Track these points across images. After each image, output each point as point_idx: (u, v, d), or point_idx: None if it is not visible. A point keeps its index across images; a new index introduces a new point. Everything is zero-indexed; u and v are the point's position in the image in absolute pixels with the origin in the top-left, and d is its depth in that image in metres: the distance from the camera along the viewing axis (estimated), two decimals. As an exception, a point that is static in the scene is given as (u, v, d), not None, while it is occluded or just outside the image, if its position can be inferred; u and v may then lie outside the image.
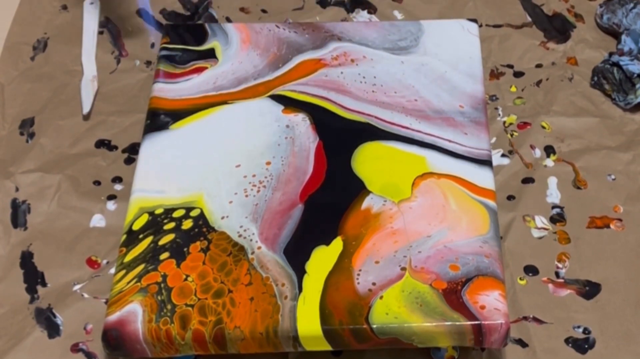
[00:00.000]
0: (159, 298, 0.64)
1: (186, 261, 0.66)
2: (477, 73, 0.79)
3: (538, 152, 0.80)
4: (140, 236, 0.68)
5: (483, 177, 0.71)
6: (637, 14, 0.87)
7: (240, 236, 0.68)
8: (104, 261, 0.74)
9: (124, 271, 0.66)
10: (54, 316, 0.71)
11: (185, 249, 0.67)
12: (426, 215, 0.68)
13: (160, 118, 0.76)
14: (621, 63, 0.82)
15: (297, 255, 0.66)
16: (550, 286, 0.72)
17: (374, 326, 0.62)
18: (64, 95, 0.86)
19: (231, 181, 0.71)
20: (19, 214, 0.77)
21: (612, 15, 0.88)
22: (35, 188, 0.79)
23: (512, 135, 0.82)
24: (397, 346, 0.63)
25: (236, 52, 0.81)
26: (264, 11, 0.93)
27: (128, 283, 0.65)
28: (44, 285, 0.73)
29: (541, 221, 0.75)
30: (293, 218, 0.69)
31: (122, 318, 0.63)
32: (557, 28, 0.90)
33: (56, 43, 0.90)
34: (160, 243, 0.68)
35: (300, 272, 0.65)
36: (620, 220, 0.75)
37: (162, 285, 0.65)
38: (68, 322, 0.71)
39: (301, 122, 0.75)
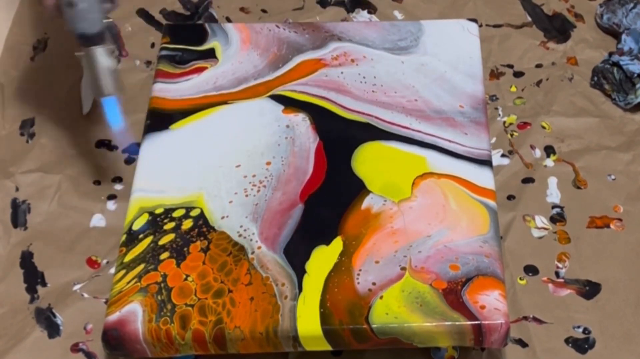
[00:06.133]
0: (159, 298, 0.64)
1: (186, 261, 0.66)
2: (477, 73, 0.79)
3: (538, 152, 0.80)
4: (140, 236, 0.68)
5: (483, 177, 0.71)
6: (637, 14, 0.87)
7: (240, 236, 0.68)
8: (104, 261, 0.74)
9: (124, 271, 0.66)
10: (54, 316, 0.71)
11: (185, 249, 0.67)
12: (426, 215, 0.68)
13: (160, 118, 0.76)
14: (621, 63, 0.82)
15: (297, 255, 0.66)
16: (550, 286, 0.72)
17: (374, 326, 0.62)
18: (64, 95, 0.86)
19: (231, 181, 0.71)
20: (19, 214, 0.77)
21: (612, 15, 0.88)
22: (35, 188, 0.79)
23: (512, 135, 0.82)
24: (397, 346, 0.63)
25: (236, 52, 0.81)
26: (264, 11, 0.93)
27: (128, 283, 0.65)
28: (44, 285, 0.73)
29: (541, 221, 0.75)
30: (293, 218, 0.69)
31: (122, 318, 0.63)
32: (557, 28, 0.90)
33: (56, 43, 0.90)
34: (160, 243, 0.68)
35: (300, 272, 0.65)
36: (620, 220, 0.75)
37: (162, 285, 0.65)
38: (68, 322, 0.71)
39: (301, 122, 0.75)
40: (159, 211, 0.70)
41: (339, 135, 0.74)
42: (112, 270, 0.72)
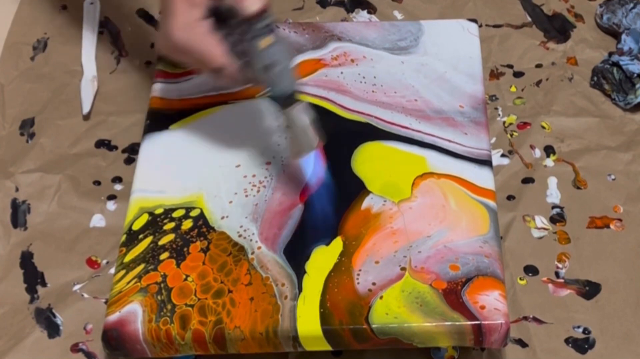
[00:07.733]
0: (159, 298, 0.64)
1: (186, 261, 0.66)
2: (477, 73, 0.79)
3: (538, 152, 0.80)
4: (140, 236, 0.68)
5: (483, 177, 0.71)
6: (637, 14, 0.87)
7: (240, 236, 0.68)
8: (104, 261, 0.74)
9: (124, 271, 0.66)
10: (54, 316, 0.71)
11: (185, 249, 0.67)
12: (426, 215, 0.68)
13: (160, 118, 0.76)
14: (621, 63, 0.82)
15: (297, 255, 0.66)
16: (550, 286, 0.72)
17: (374, 326, 0.62)
18: (64, 95, 0.86)
19: (231, 181, 0.71)
20: (19, 214, 0.77)
21: (612, 15, 0.88)
22: (35, 188, 0.79)
23: (512, 135, 0.82)
24: (397, 346, 0.63)
25: (236, 52, 0.81)
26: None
27: (128, 283, 0.65)
28: (44, 285, 0.73)
29: (541, 221, 0.75)
30: (293, 218, 0.69)
31: (122, 318, 0.63)
32: (557, 28, 0.90)
33: (56, 43, 0.90)
34: (160, 243, 0.68)
35: (300, 272, 0.65)
36: (620, 220, 0.75)
37: (162, 285, 0.65)
38: (68, 322, 0.71)
39: (301, 122, 0.75)
40: (158, 211, 0.70)
41: (339, 135, 0.74)
42: (112, 270, 0.72)
